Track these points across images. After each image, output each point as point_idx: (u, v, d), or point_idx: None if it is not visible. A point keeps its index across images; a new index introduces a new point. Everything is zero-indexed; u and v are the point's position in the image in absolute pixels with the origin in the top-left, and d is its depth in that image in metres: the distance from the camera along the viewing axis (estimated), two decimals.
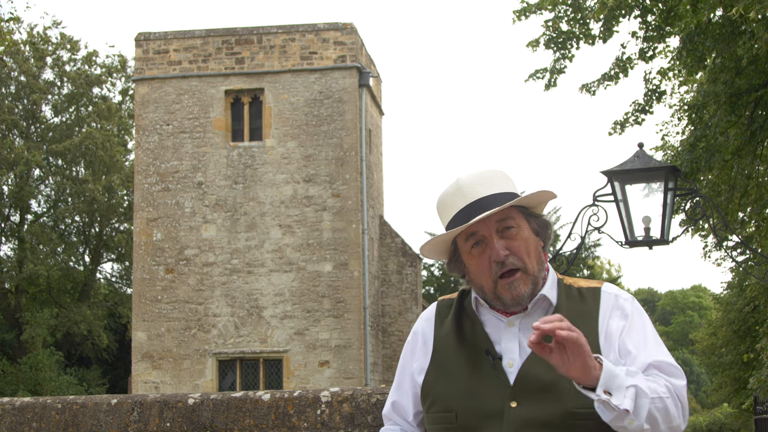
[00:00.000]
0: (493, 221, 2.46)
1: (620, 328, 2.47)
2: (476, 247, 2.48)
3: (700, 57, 11.99)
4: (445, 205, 2.54)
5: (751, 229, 16.62)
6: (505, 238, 2.46)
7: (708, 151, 12.59)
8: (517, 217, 2.49)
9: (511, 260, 2.45)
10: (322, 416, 4.40)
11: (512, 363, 2.44)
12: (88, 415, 4.68)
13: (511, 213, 2.48)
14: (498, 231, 2.46)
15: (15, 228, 35.22)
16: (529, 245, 2.49)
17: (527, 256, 2.47)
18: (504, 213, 2.47)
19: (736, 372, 26.67)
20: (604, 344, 2.45)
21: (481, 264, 2.47)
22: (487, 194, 2.48)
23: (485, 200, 2.46)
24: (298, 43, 24.52)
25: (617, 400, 2.23)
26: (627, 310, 2.50)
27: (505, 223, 2.47)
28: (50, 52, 34.88)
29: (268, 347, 23.58)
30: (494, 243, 2.45)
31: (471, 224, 2.44)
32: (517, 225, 2.48)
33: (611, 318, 2.49)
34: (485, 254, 2.46)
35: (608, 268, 56.11)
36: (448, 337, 2.56)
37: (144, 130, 24.72)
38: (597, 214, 8.12)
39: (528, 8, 12.26)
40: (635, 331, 2.47)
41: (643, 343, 2.45)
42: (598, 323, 2.48)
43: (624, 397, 2.23)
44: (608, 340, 2.46)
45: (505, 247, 2.45)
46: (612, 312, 2.50)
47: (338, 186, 23.95)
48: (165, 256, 24.11)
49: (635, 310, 2.51)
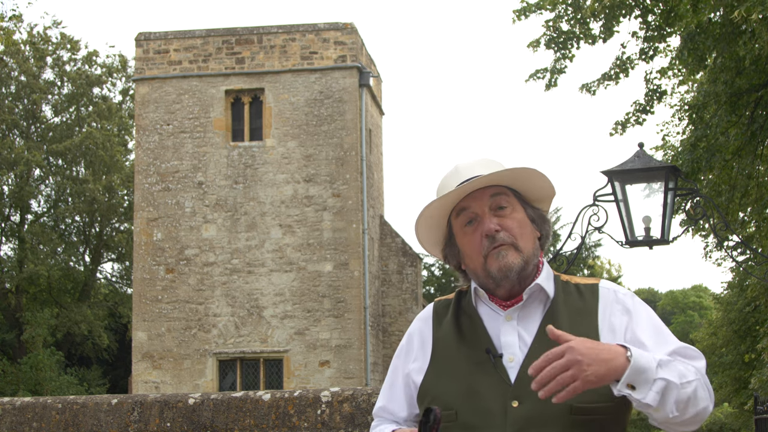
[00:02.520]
0: (486, 197, 2.46)
1: (624, 323, 2.46)
2: (469, 225, 2.48)
3: (700, 57, 11.99)
4: (441, 186, 2.55)
5: (751, 229, 16.61)
6: (497, 216, 2.46)
7: (708, 151, 12.58)
8: (510, 198, 2.50)
9: (502, 236, 2.44)
10: (323, 416, 4.39)
11: (513, 358, 2.43)
12: (88, 415, 4.68)
13: (505, 192, 2.49)
14: (491, 208, 2.46)
15: (15, 228, 35.22)
16: (523, 227, 2.48)
17: (520, 235, 2.46)
18: (497, 189, 2.47)
19: (736, 372, 26.67)
20: (606, 340, 2.43)
21: (473, 241, 2.46)
22: (480, 174, 2.48)
23: (478, 178, 2.46)
24: (299, 43, 24.52)
25: (640, 394, 2.22)
26: (628, 305, 2.49)
27: (498, 201, 2.47)
28: (50, 52, 34.87)
29: (269, 347, 23.58)
30: (486, 219, 2.45)
31: (461, 192, 2.44)
32: (510, 205, 2.48)
33: (612, 314, 2.47)
34: (477, 231, 2.46)
35: (608, 268, 56.08)
36: (447, 337, 2.54)
37: (144, 130, 24.72)
38: (597, 214, 8.12)
39: (528, 8, 12.26)
40: (644, 324, 2.46)
41: (654, 335, 2.44)
42: (598, 320, 2.46)
43: (649, 390, 2.22)
44: (613, 335, 2.44)
45: (498, 224, 2.45)
46: (612, 307, 2.49)
47: (338, 186, 23.95)
48: (165, 256, 24.11)
49: (637, 304, 2.50)
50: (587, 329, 2.44)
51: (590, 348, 2.19)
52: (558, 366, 2.15)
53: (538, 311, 2.48)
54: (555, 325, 2.37)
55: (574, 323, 2.44)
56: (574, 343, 2.18)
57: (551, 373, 2.14)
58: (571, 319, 2.45)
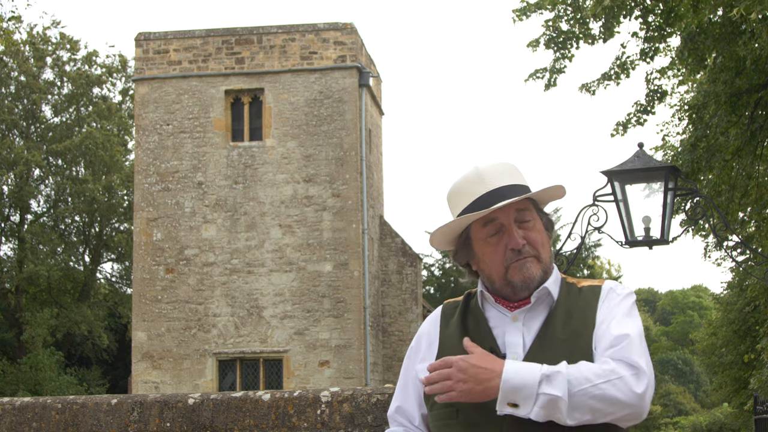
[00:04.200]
0: (512, 210, 2.53)
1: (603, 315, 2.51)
2: (494, 236, 2.53)
3: (701, 56, 11.98)
4: (463, 191, 2.57)
5: (751, 229, 16.61)
6: (522, 228, 2.53)
7: (708, 151, 12.58)
8: (532, 211, 2.57)
9: (527, 249, 2.52)
10: (322, 416, 4.40)
11: (516, 357, 2.47)
12: (88, 415, 4.68)
13: (528, 206, 2.56)
14: (516, 221, 2.53)
15: (15, 228, 35.21)
16: (543, 238, 2.57)
17: (542, 247, 2.55)
18: (522, 204, 2.54)
19: (736, 372, 26.65)
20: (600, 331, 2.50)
21: (497, 252, 2.52)
22: (506, 184, 2.54)
23: (505, 189, 2.53)
24: (298, 43, 24.51)
25: (523, 410, 2.30)
26: (617, 293, 2.55)
27: (522, 215, 2.54)
28: (50, 52, 34.86)
29: (268, 347, 23.58)
30: (513, 231, 2.51)
31: (494, 209, 2.49)
32: (533, 218, 2.56)
33: (604, 305, 2.53)
34: (502, 242, 2.52)
35: (608, 268, 56.08)
36: (453, 336, 2.59)
37: (144, 130, 24.72)
38: (597, 214, 8.12)
39: (528, 8, 12.25)
40: (612, 305, 2.51)
41: (610, 315, 2.48)
42: (595, 317, 2.51)
43: (533, 406, 2.29)
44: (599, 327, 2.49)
45: (523, 237, 2.52)
46: (607, 301, 2.54)
47: (338, 186, 23.94)
48: (165, 256, 24.11)
49: (624, 295, 2.55)
50: (583, 326, 2.49)
51: (474, 366, 2.35)
52: (443, 373, 2.38)
53: (543, 313, 2.53)
54: (549, 326, 2.48)
55: (570, 321, 2.50)
56: (464, 359, 2.36)
57: (436, 377, 2.38)
58: (568, 317, 2.51)
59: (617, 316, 2.48)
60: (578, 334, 2.47)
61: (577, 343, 2.45)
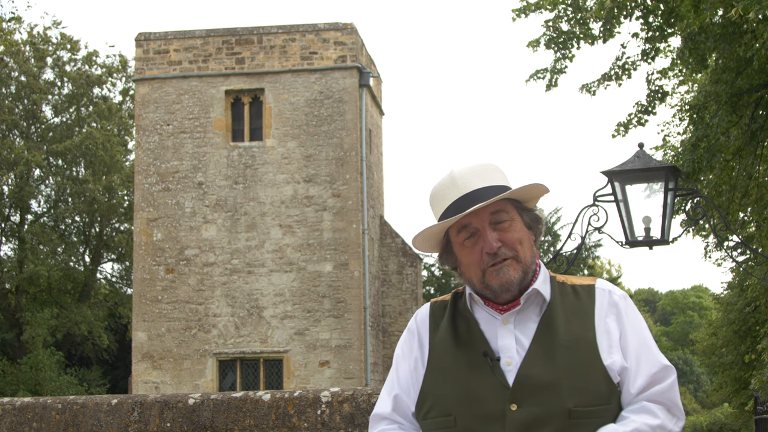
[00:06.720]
0: (486, 213, 2.47)
1: (619, 331, 2.48)
2: (469, 240, 2.48)
3: (701, 57, 11.98)
4: (438, 196, 2.54)
5: (751, 230, 16.61)
6: (497, 230, 2.48)
7: (709, 152, 12.58)
8: (510, 210, 2.50)
9: (503, 251, 2.46)
10: (323, 416, 4.39)
11: (510, 361, 2.43)
12: (88, 415, 4.68)
13: (505, 206, 2.50)
14: (491, 223, 2.47)
15: (15, 228, 35.19)
16: (522, 237, 2.50)
17: (519, 245, 2.48)
18: (497, 205, 2.48)
19: (736, 372, 26.64)
20: (602, 341, 2.46)
21: (473, 255, 2.48)
22: (480, 186, 2.48)
23: (479, 192, 2.47)
24: (299, 43, 24.51)
25: None
26: (621, 310, 2.52)
27: (498, 216, 2.48)
28: (50, 52, 34.84)
29: (269, 347, 23.57)
30: (487, 235, 2.46)
31: (464, 215, 2.45)
32: (510, 218, 2.49)
33: (608, 316, 2.50)
34: (477, 246, 2.47)
35: (608, 268, 56.05)
36: (443, 341, 2.54)
37: (144, 130, 24.71)
38: (597, 215, 8.12)
39: (527, 7, 12.25)
40: (632, 336, 2.49)
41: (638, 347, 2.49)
42: (594, 320, 2.48)
43: None
44: (609, 337, 2.46)
45: (498, 239, 2.46)
46: (608, 310, 2.51)
47: (338, 186, 23.94)
48: (165, 256, 24.10)
49: (629, 309, 2.53)
50: (584, 330, 2.46)
51: None
52: None
53: (535, 314, 2.49)
54: (551, 328, 2.44)
55: (570, 324, 2.46)
56: None
57: None
58: (567, 321, 2.46)
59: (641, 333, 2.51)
60: (580, 339, 2.44)
61: (580, 350, 2.42)
